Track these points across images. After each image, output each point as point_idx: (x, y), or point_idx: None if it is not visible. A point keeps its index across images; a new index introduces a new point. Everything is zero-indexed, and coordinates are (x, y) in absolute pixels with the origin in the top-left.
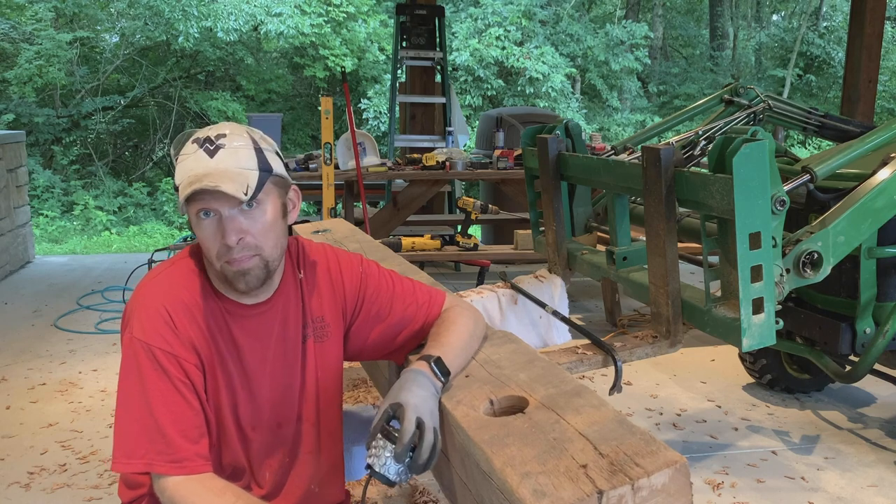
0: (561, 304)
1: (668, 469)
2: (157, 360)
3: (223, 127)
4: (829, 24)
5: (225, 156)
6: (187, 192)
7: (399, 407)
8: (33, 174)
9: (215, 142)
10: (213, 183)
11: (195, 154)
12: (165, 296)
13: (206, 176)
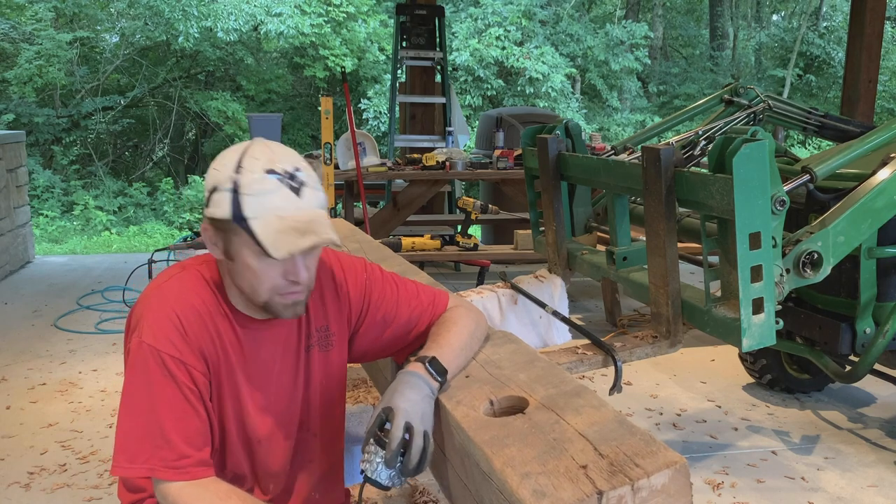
0: (561, 304)
1: (668, 469)
2: (166, 366)
3: (290, 156)
4: (829, 24)
5: (310, 196)
6: (304, 245)
7: (389, 411)
8: (33, 174)
9: (296, 176)
10: (327, 235)
11: (280, 192)
12: (177, 302)
13: (313, 223)
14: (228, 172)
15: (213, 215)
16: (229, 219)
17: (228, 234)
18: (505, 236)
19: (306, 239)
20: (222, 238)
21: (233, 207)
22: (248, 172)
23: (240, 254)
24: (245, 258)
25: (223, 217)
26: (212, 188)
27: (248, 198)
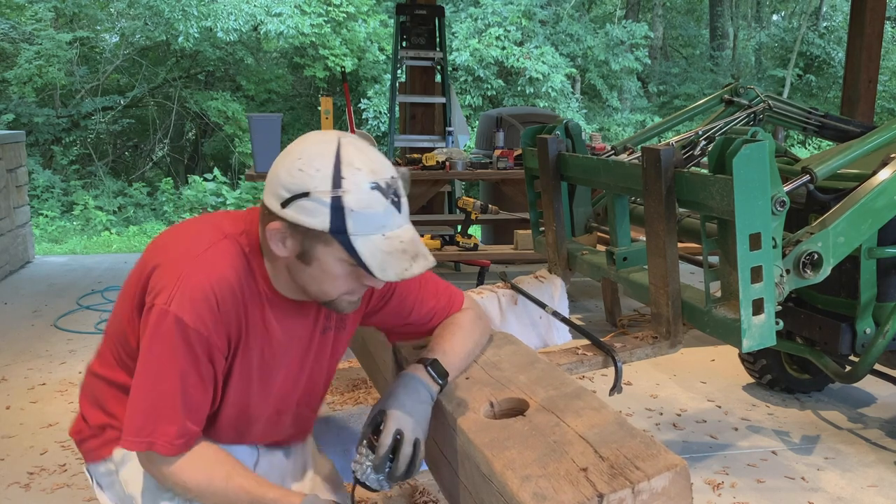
0: (561, 304)
1: (669, 472)
2: (191, 342)
3: (385, 163)
4: (829, 24)
5: (405, 209)
6: (415, 271)
7: (383, 415)
8: (33, 174)
9: (394, 188)
10: (432, 260)
11: (384, 209)
12: (216, 278)
13: (416, 244)
14: (325, 183)
15: (300, 223)
16: (325, 231)
17: (314, 242)
18: (505, 236)
19: (417, 265)
20: (301, 243)
21: (333, 222)
22: (352, 187)
23: (323, 262)
24: (329, 267)
25: (316, 228)
26: (298, 192)
27: (353, 214)
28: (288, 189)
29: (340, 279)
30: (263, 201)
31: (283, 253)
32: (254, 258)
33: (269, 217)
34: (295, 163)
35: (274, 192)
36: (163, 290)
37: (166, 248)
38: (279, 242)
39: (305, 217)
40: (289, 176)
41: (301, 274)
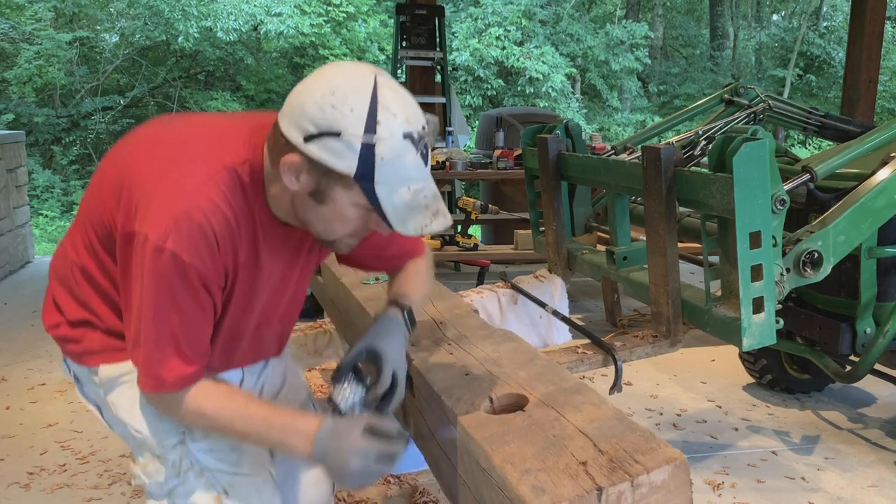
0: (561, 304)
1: (668, 466)
2: (188, 278)
3: (418, 109)
4: (829, 23)
5: (429, 164)
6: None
7: (376, 355)
8: (33, 174)
9: (424, 138)
10: (450, 220)
11: (413, 159)
12: (214, 216)
13: (437, 200)
14: (358, 126)
15: (323, 162)
16: (348, 176)
17: (333, 183)
18: (505, 236)
19: (436, 222)
20: (317, 181)
21: (360, 168)
22: (385, 133)
23: (338, 205)
24: (343, 210)
25: (340, 171)
26: (327, 130)
27: (383, 163)
28: (315, 124)
29: (351, 223)
30: (281, 128)
31: (293, 187)
32: (253, 188)
33: (286, 148)
34: (327, 97)
35: (297, 123)
36: (156, 224)
37: (156, 167)
38: (293, 176)
39: (330, 158)
40: (318, 110)
41: (309, 211)
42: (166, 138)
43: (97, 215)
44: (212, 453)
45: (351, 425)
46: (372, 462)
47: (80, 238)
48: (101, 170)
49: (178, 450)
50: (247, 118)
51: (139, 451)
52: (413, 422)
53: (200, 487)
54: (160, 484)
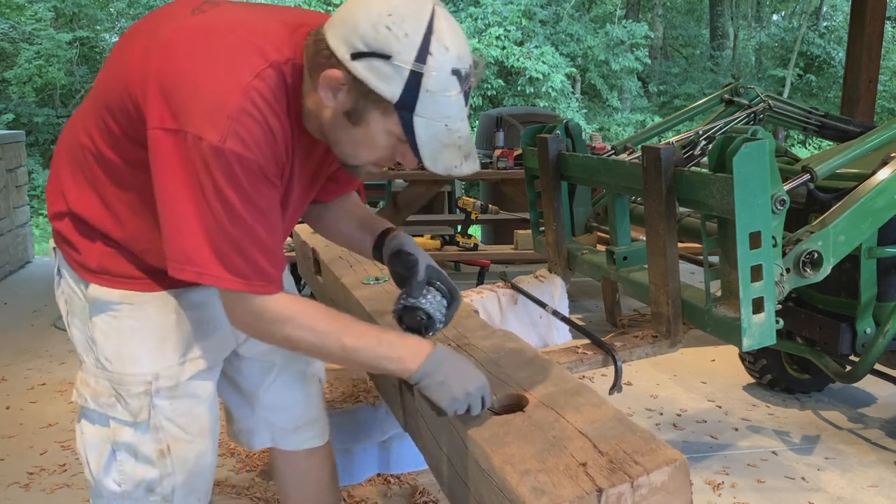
0: (561, 304)
1: (668, 467)
2: (255, 175)
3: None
4: (829, 23)
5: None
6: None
7: (439, 273)
8: (33, 174)
9: (470, 78)
10: (475, 165)
11: (457, 98)
12: (265, 108)
13: (470, 142)
14: (410, 52)
15: (367, 83)
16: (390, 102)
17: (371, 106)
18: (505, 236)
19: (467, 164)
20: (355, 101)
21: (404, 95)
22: (435, 66)
23: (372, 129)
24: (375, 136)
25: (383, 96)
26: (378, 51)
27: (427, 95)
28: (366, 43)
29: (379, 150)
30: (327, 40)
31: (329, 103)
32: (294, 90)
33: (329, 61)
34: (383, 17)
35: (346, 38)
36: (210, 124)
37: (199, 61)
38: (331, 92)
39: (376, 80)
40: (372, 29)
41: (339, 130)
42: (203, 28)
43: (116, 101)
44: (171, 412)
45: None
46: (476, 389)
47: (94, 122)
48: (124, 52)
49: (142, 399)
50: (279, 14)
51: (97, 378)
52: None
53: (150, 437)
54: (102, 414)
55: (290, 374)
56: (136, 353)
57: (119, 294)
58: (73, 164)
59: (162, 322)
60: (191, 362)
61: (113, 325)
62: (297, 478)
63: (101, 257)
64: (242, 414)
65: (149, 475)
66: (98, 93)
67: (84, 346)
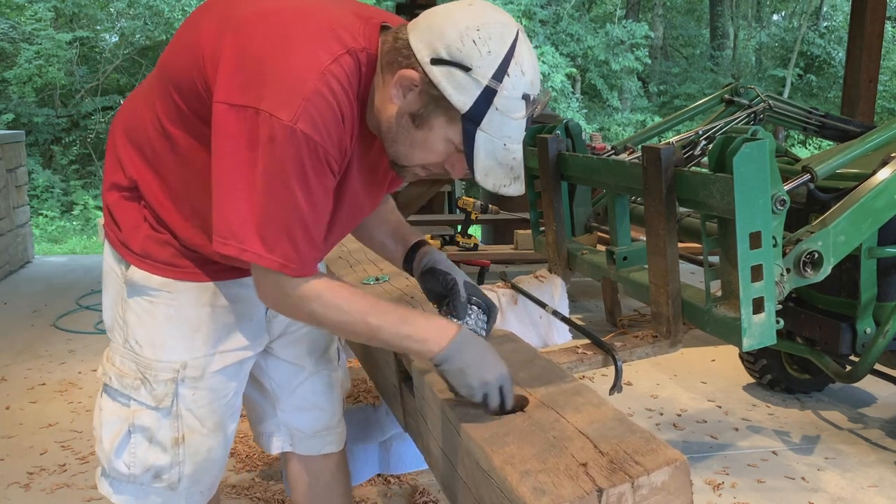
0: (561, 304)
1: (668, 467)
2: (319, 160)
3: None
4: (829, 23)
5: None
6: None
7: (474, 288)
8: (33, 174)
9: (535, 106)
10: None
11: (521, 121)
12: (340, 94)
13: (521, 166)
14: (490, 69)
15: (443, 90)
16: (458, 111)
17: (439, 112)
18: (505, 236)
19: (513, 186)
20: (424, 105)
21: (473, 108)
22: (509, 87)
23: (433, 135)
24: (434, 142)
25: (454, 104)
26: (459, 61)
27: (495, 113)
28: (449, 51)
29: (433, 156)
30: (409, 40)
31: (396, 101)
32: (366, 80)
33: (407, 60)
34: (471, 30)
35: (429, 42)
36: (284, 104)
37: (276, 41)
38: (402, 91)
39: (451, 88)
40: (458, 39)
41: (399, 129)
42: (282, 11)
43: (186, 78)
44: (191, 402)
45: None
46: (495, 380)
47: (159, 100)
48: (194, 31)
49: (168, 386)
50: (350, 5)
51: (123, 358)
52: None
53: (168, 424)
54: (124, 394)
55: (318, 379)
56: (167, 340)
57: (159, 281)
58: (133, 142)
59: (197, 313)
60: (220, 355)
61: (148, 309)
62: (311, 482)
63: (146, 241)
64: (264, 416)
65: (160, 461)
66: (163, 72)
67: (113, 324)
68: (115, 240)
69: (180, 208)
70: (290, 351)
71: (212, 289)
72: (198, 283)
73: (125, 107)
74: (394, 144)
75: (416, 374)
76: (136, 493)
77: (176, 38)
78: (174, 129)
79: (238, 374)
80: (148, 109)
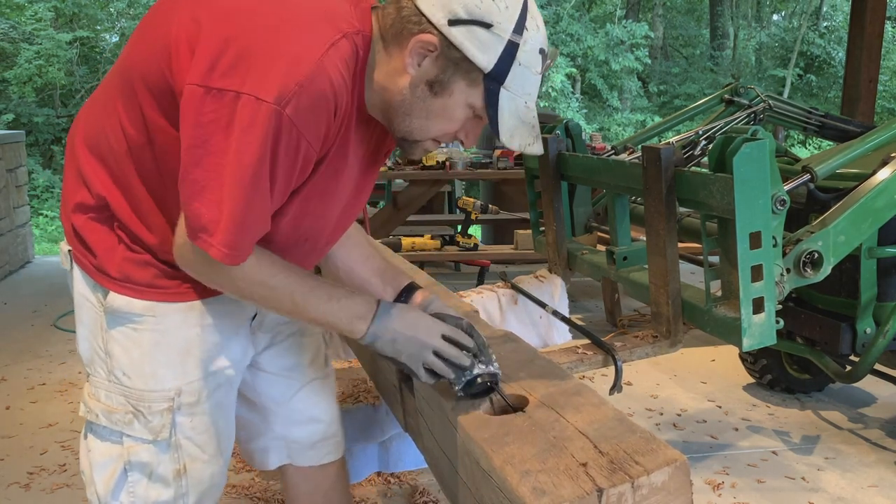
0: (561, 304)
1: (668, 467)
2: (297, 150)
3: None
4: (829, 23)
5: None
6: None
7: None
8: (33, 174)
9: (547, 61)
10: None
11: (538, 76)
12: (337, 87)
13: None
14: (510, 23)
15: (464, 50)
16: (481, 71)
17: (459, 76)
18: (505, 236)
19: (536, 144)
20: (443, 70)
21: (497, 65)
22: (529, 40)
23: (453, 100)
24: (454, 108)
25: (477, 63)
26: (479, 19)
27: (518, 68)
28: (467, 10)
29: (452, 123)
30: (417, 5)
31: (411, 70)
32: (362, 64)
33: (419, 26)
34: None
35: (444, 3)
36: (274, 87)
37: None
38: (417, 58)
39: (474, 47)
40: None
41: (414, 100)
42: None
43: (154, 70)
44: (190, 430)
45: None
46: (435, 340)
47: (122, 104)
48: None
49: (164, 416)
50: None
51: (109, 392)
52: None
53: (168, 457)
54: (115, 431)
55: (310, 389)
56: (158, 368)
57: (142, 305)
58: (97, 154)
59: (185, 335)
60: (212, 376)
61: (133, 338)
62: (311, 493)
63: (123, 263)
64: (256, 433)
65: (162, 497)
66: (127, 72)
67: (93, 357)
68: (88, 266)
69: (155, 222)
70: (277, 363)
71: (198, 308)
72: (183, 303)
73: (82, 118)
74: (406, 118)
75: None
76: None
77: (138, 36)
78: (143, 136)
79: (231, 392)
80: (110, 118)
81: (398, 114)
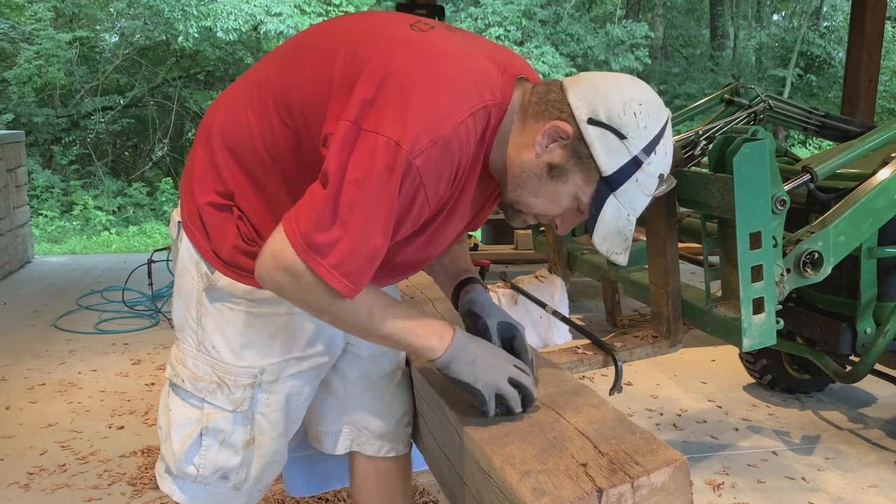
0: (561, 304)
1: (668, 467)
2: (417, 200)
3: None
4: (829, 23)
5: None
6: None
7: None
8: (33, 174)
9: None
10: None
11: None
12: (466, 151)
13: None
14: (642, 142)
15: (593, 150)
16: (599, 177)
17: (579, 171)
18: (505, 236)
19: (622, 256)
20: (567, 160)
21: (616, 174)
22: (653, 163)
23: (565, 189)
24: (563, 196)
25: (599, 165)
26: (617, 127)
27: (633, 184)
28: (609, 116)
29: (556, 208)
30: (567, 95)
31: (537, 149)
32: (492, 132)
33: (561, 112)
34: (634, 103)
35: (590, 102)
36: (413, 138)
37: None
38: (547, 143)
39: (602, 151)
40: (620, 108)
41: (530, 176)
42: (431, 48)
43: (305, 94)
44: (265, 407)
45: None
46: (511, 368)
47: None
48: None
49: (246, 391)
50: (489, 51)
51: (196, 361)
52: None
53: (242, 428)
54: (197, 396)
55: (392, 378)
56: (247, 346)
57: (243, 289)
58: (232, 151)
59: (275, 320)
60: (294, 361)
61: (228, 315)
62: (378, 483)
63: (233, 252)
64: (328, 415)
65: (230, 462)
66: (279, 92)
67: (184, 325)
68: (201, 243)
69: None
70: (368, 350)
71: None
72: None
73: (221, 113)
74: (518, 189)
75: (415, 374)
76: (199, 493)
77: (292, 59)
78: (284, 151)
79: (313, 380)
80: (254, 120)
81: (512, 182)
